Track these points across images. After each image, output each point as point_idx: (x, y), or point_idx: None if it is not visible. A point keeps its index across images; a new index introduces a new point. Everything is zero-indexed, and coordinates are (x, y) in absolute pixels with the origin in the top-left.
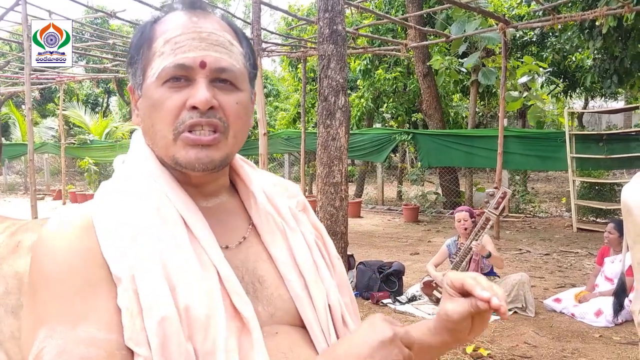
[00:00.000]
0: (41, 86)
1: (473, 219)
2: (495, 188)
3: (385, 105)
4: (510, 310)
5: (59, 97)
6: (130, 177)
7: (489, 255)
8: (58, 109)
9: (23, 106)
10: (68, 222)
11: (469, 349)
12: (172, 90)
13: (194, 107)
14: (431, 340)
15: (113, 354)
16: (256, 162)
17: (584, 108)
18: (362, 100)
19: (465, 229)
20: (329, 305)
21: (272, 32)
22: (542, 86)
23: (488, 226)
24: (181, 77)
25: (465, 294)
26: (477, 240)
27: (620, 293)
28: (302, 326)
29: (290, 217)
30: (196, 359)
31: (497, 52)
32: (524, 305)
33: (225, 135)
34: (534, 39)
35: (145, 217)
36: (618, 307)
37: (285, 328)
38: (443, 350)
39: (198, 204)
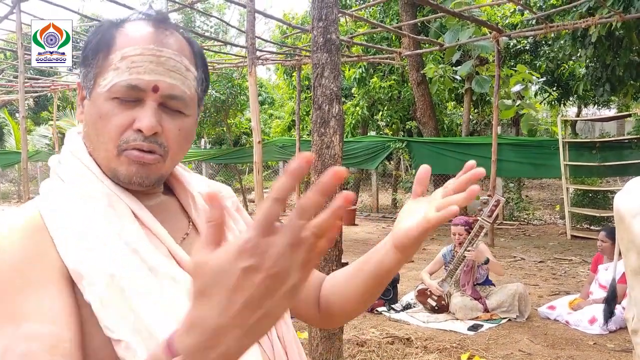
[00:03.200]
0: (35, 94)
1: (467, 228)
2: (489, 196)
3: (380, 113)
4: (504, 319)
5: (53, 105)
6: (75, 177)
7: (487, 262)
8: (52, 117)
9: (17, 114)
10: (11, 224)
11: (464, 357)
12: (122, 107)
13: (140, 130)
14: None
15: (55, 346)
16: (251, 170)
17: (577, 116)
18: (357, 108)
19: (460, 243)
20: None
21: (266, 41)
22: (535, 94)
23: (482, 234)
24: (132, 98)
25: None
26: (471, 248)
27: (611, 300)
28: None
29: (227, 217)
30: None
31: (491, 61)
32: (519, 315)
33: (163, 159)
34: (527, 48)
35: (100, 213)
36: (608, 314)
37: None
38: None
39: (142, 202)
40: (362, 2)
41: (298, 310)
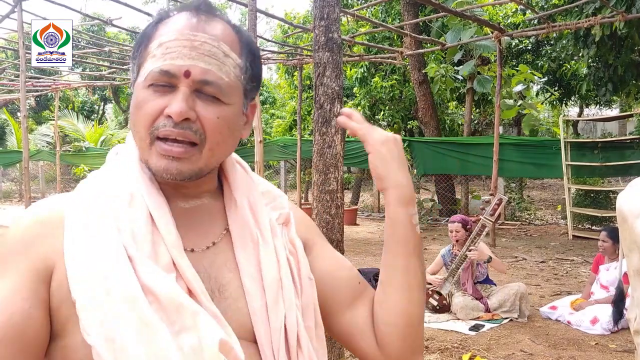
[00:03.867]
0: (37, 93)
1: (468, 227)
2: (491, 195)
3: (382, 112)
4: (505, 318)
5: (54, 104)
6: (113, 171)
7: (490, 260)
8: (54, 117)
9: (19, 113)
10: (29, 214)
11: (465, 357)
12: (156, 94)
13: (170, 116)
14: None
15: None
16: (252, 170)
17: (579, 116)
18: (359, 108)
19: (457, 240)
20: (285, 327)
21: (268, 40)
22: (537, 94)
23: (484, 233)
24: (165, 83)
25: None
26: (473, 247)
27: (619, 301)
28: (253, 341)
29: (267, 229)
30: None
31: (493, 60)
32: (520, 315)
33: (199, 149)
34: (529, 47)
35: (115, 214)
36: (617, 315)
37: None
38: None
39: (176, 204)
40: (363, 1)
41: (358, 347)
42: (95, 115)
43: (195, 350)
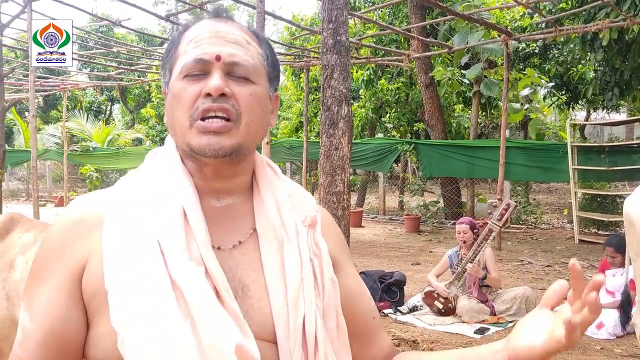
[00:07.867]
0: (45, 93)
1: (476, 231)
2: (499, 199)
3: (388, 115)
4: (511, 322)
5: (62, 104)
6: (151, 169)
7: (485, 277)
8: (61, 116)
9: (27, 113)
10: (69, 213)
11: None
12: (191, 82)
13: (208, 94)
14: None
15: (23, 342)
16: None
17: (586, 120)
18: (364, 110)
19: (464, 241)
20: (304, 327)
21: (275, 42)
22: (544, 98)
23: (491, 237)
24: (200, 71)
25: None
26: (480, 249)
27: (626, 305)
28: (272, 342)
29: (292, 230)
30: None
31: (500, 64)
32: None
33: (237, 124)
34: (537, 51)
35: (152, 210)
36: (625, 319)
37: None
38: None
39: (208, 202)
40: (371, 4)
41: None
42: (103, 115)
43: (213, 350)
